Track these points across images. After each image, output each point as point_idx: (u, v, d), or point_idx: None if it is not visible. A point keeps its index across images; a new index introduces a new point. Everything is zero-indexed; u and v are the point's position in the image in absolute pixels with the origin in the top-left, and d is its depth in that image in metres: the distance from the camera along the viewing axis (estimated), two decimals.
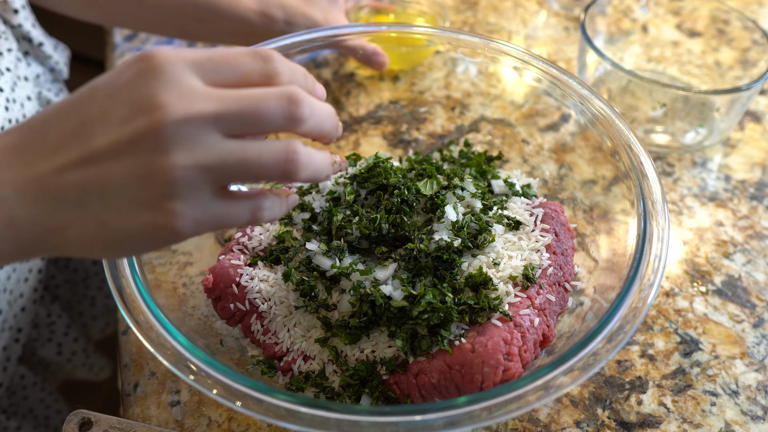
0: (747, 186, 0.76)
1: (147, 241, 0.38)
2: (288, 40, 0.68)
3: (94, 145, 0.36)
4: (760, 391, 0.59)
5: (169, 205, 0.36)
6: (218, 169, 0.37)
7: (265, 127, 0.38)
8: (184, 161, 0.36)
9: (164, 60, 0.37)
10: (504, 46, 0.68)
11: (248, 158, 0.37)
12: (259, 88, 0.39)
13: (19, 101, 0.69)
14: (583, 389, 0.59)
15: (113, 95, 0.37)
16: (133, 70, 0.37)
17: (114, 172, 0.36)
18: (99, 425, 0.52)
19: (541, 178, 0.70)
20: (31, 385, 0.85)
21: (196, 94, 0.37)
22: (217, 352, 0.54)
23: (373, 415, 0.44)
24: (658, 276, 0.50)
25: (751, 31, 0.81)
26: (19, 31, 0.74)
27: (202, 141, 0.36)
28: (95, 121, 0.37)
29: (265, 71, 0.40)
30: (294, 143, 0.39)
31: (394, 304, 0.52)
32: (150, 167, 0.36)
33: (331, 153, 0.45)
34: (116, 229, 0.37)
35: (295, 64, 0.42)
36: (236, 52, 0.40)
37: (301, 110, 0.39)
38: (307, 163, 0.39)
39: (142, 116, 0.36)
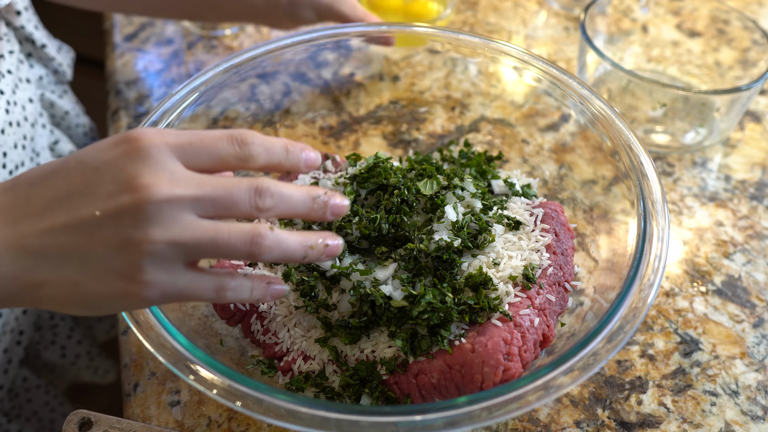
0: (747, 186, 0.76)
1: (116, 305, 0.42)
2: (288, 40, 0.68)
3: (78, 214, 0.40)
4: (760, 391, 0.59)
5: (140, 276, 0.39)
6: (192, 245, 0.40)
7: (235, 212, 0.42)
8: (161, 237, 0.39)
9: (149, 143, 0.40)
10: (504, 46, 0.68)
11: (220, 237, 0.41)
12: (232, 178, 0.43)
13: (20, 104, 0.69)
14: (583, 389, 0.59)
15: (99, 170, 0.40)
16: (120, 150, 0.40)
17: (94, 241, 0.39)
18: (99, 425, 0.52)
19: (541, 178, 0.70)
20: (35, 388, 0.85)
21: (177, 177, 0.40)
22: (217, 352, 0.54)
23: (373, 415, 0.44)
24: (658, 276, 0.50)
25: (751, 31, 0.81)
26: (21, 33, 0.74)
27: (179, 220, 0.40)
28: (81, 192, 0.40)
29: (240, 156, 0.43)
30: (260, 227, 0.42)
31: (394, 304, 0.52)
32: (129, 239, 0.39)
33: (331, 235, 0.46)
34: (89, 292, 0.40)
35: (273, 141, 0.45)
36: (215, 136, 0.43)
37: (263, 201, 0.43)
38: (272, 246, 0.42)
39: (127, 194, 0.39)
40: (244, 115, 0.72)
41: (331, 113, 0.79)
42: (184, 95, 0.62)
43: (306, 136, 0.76)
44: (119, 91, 0.87)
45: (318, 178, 0.66)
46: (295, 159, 0.46)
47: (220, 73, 0.65)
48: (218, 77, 0.65)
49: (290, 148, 0.46)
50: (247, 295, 0.45)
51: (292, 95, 0.77)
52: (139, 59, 0.91)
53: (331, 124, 0.78)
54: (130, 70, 0.90)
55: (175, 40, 0.94)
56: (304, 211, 0.45)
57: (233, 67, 0.65)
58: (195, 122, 0.65)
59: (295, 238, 0.44)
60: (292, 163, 0.46)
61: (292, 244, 0.44)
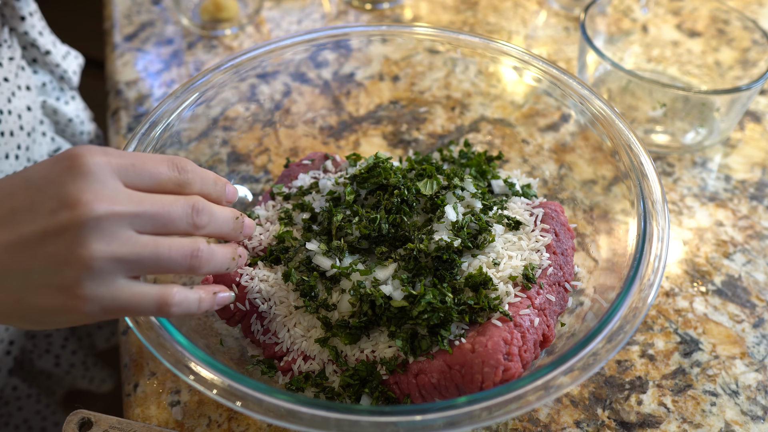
0: (747, 186, 0.76)
1: (59, 320, 0.43)
2: (288, 40, 0.68)
3: (21, 231, 0.41)
4: (760, 391, 0.59)
5: (80, 291, 0.40)
6: (132, 260, 0.41)
7: (172, 228, 0.44)
8: (101, 252, 0.40)
9: (92, 162, 0.41)
10: (504, 46, 0.68)
11: (160, 252, 0.43)
12: (170, 196, 0.45)
13: (15, 113, 0.69)
14: (583, 389, 0.59)
15: (43, 188, 0.41)
16: (62, 166, 0.41)
17: (36, 257, 0.40)
18: (99, 425, 0.52)
19: (541, 178, 0.70)
20: (26, 397, 0.85)
21: (117, 194, 0.42)
22: (217, 352, 0.54)
23: (373, 415, 0.44)
24: (658, 276, 0.50)
25: (751, 31, 0.81)
26: (25, 39, 0.73)
27: (119, 235, 0.41)
28: (24, 210, 0.41)
29: (179, 181, 0.46)
30: (198, 241, 0.45)
31: (394, 304, 0.52)
32: (69, 255, 0.40)
33: (239, 246, 0.51)
34: (32, 307, 0.42)
35: (206, 173, 0.48)
36: (157, 160, 0.45)
37: (200, 218, 0.45)
38: (208, 258, 0.45)
39: (67, 210, 0.40)
40: (244, 115, 0.72)
41: (331, 113, 0.79)
42: (184, 95, 0.62)
43: (306, 136, 0.76)
44: (119, 91, 0.87)
45: (318, 178, 0.66)
46: (220, 191, 0.49)
47: (220, 73, 0.65)
48: (218, 77, 0.65)
49: (217, 181, 0.49)
50: (195, 307, 0.46)
51: (292, 95, 0.77)
52: (139, 59, 0.91)
53: (331, 124, 0.78)
54: (130, 70, 0.90)
55: (175, 40, 0.94)
56: (228, 230, 0.48)
57: (233, 67, 0.65)
58: (195, 122, 0.65)
59: (223, 251, 0.47)
60: (218, 195, 0.49)
61: (221, 256, 0.47)
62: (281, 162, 0.73)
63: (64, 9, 1.45)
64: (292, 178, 0.67)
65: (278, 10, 0.99)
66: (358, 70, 0.84)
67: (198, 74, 0.64)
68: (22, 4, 0.70)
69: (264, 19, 0.98)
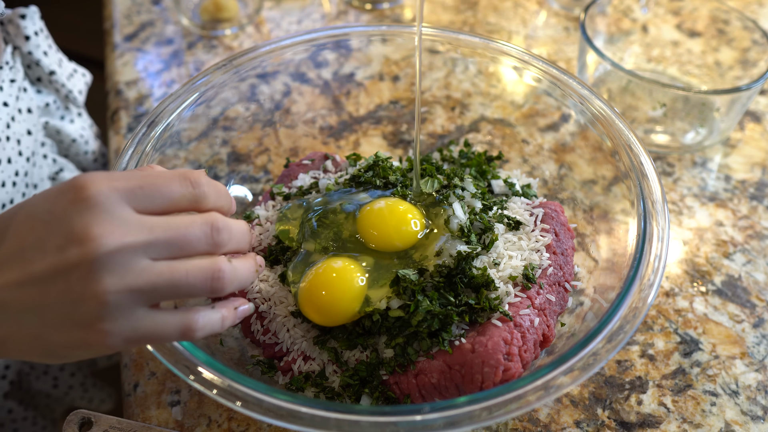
0: (747, 186, 0.76)
1: (82, 354, 0.42)
2: (288, 40, 0.68)
3: (31, 269, 0.39)
4: (760, 391, 0.59)
5: (100, 326, 0.39)
6: (148, 290, 0.40)
7: (191, 251, 0.42)
8: (116, 286, 0.39)
9: (97, 192, 0.39)
10: (504, 46, 0.68)
11: (177, 279, 0.41)
12: (184, 217, 0.43)
13: (14, 138, 0.66)
14: (583, 389, 0.59)
15: (49, 223, 0.40)
16: (68, 199, 0.40)
17: (50, 295, 0.39)
18: (99, 425, 0.52)
19: (541, 178, 0.70)
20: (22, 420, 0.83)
21: (127, 224, 0.40)
22: (217, 352, 0.54)
23: (373, 415, 0.44)
24: (658, 276, 0.50)
25: (751, 31, 0.81)
26: (29, 58, 0.71)
27: (133, 266, 0.39)
28: (33, 247, 0.40)
29: (193, 196, 0.44)
30: (219, 262, 0.43)
31: (392, 314, 0.52)
32: (83, 292, 0.38)
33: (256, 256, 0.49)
34: (52, 343, 0.41)
35: (218, 184, 0.46)
36: (167, 177, 0.43)
37: (222, 236, 0.43)
38: (232, 278, 0.43)
39: (76, 247, 0.38)
40: (244, 115, 0.72)
41: (331, 113, 0.79)
42: (184, 95, 0.62)
43: (306, 136, 0.76)
44: (119, 91, 0.87)
45: (318, 178, 0.66)
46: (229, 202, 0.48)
47: (220, 73, 0.65)
48: (218, 77, 0.65)
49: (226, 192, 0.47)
50: (218, 326, 0.45)
51: (292, 95, 0.77)
52: (139, 59, 0.91)
53: (331, 124, 0.78)
54: (130, 70, 0.90)
55: (175, 40, 0.94)
56: (246, 244, 0.47)
57: (233, 67, 0.65)
58: (195, 122, 0.65)
59: (246, 264, 0.46)
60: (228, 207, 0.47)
61: (245, 270, 0.45)
62: (281, 162, 0.73)
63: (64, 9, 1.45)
64: (292, 178, 0.67)
65: (278, 10, 0.99)
66: (358, 70, 0.84)
67: (198, 74, 0.64)
68: (27, 23, 0.68)
69: (264, 19, 0.98)
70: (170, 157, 0.64)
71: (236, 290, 0.45)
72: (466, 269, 0.53)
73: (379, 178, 0.61)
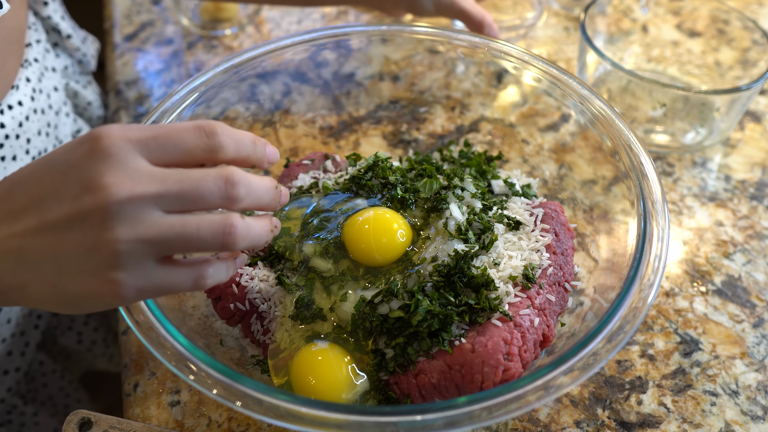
0: (747, 186, 0.76)
1: (96, 304, 0.42)
2: (288, 40, 0.68)
3: (48, 216, 0.40)
4: (760, 391, 0.59)
5: (113, 275, 0.40)
6: (159, 242, 0.40)
7: (204, 205, 0.42)
8: (127, 236, 0.39)
9: (111, 142, 0.40)
10: (504, 46, 0.68)
11: (187, 232, 0.41)
12: (199, 170, 0.42)
13: (45, 91, 0.70)
14: (583, 389, 0.59)
15: (66, 172, 0.40)
16: (84, 150, 0.40)
17: (66, 243, 0.40)
18: (99, 425, 0.52)
19: (541, 178, 0.70)
20: (51, 372, 0.86)
21: (140, 174, 0.40)
22: (217, 352, 0.54)
23: (373, 415, 0.44)
24: (658, 276, 0.50)
25: (751, 31, 0.81)
26: (48, 23, 0.75)
27: (144, 217, 0.40)
28: (51, 195, 0.41)
29: (209, 147, 0.43)
30: (231, 217, 0.42)
31: (392, 315, 0.52)
32: (96, 240, 0.39)
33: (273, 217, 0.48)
34: (68, 292, 0.41)
35: (242, 134, 0.45)
36: (181, 128, 0.43)
37: (237, 191, 0.42)
38: (244, 234, 0.43)
39: (89, 195, 0.39)
40: (244, 115, 0.72)
41: (331, 113, 0.79)
42: (184, 95, 0.62)
43: (306, 136, 0.76)
44: (119, 91, 0.87)
45: (318, 178, 0.66)
46: (261, 153, 0.46)
47: (220, 73, 0.65)
48: (218, 77, 0.65)
49: (257, 141, 0.46)
50: (224, 275, 0.45)
51: (292, 95, 0.77)
52: (139, 59, 0.91)
53: (331, 124, 0.78)
54: (130, 70, 0.90)
55: (175, 40, 0.94)
56: (268, 201, 0.45)
57: (233, 67, 0.65)
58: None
59: (260, 224, 0.45)
60: (259, 157, 0.46)
61: (258, 229, 0.44)
62: (281, 162, 0.73)
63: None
64: (292, 178, 0.67)
65: (278, 10, 0.99)
66: (358, 70, 0.84)
67: (198, 74, 0.64)
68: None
69: (264, 19, 0.98)
70: None
71: (248, 248, 0.45)
72: (464, 269, 0.53)
73: (379, 178, 0.61)
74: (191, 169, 0.42)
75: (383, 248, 0.55)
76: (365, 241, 0.55)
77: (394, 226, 0.56)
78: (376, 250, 0.55)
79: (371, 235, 0.55)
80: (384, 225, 0.56)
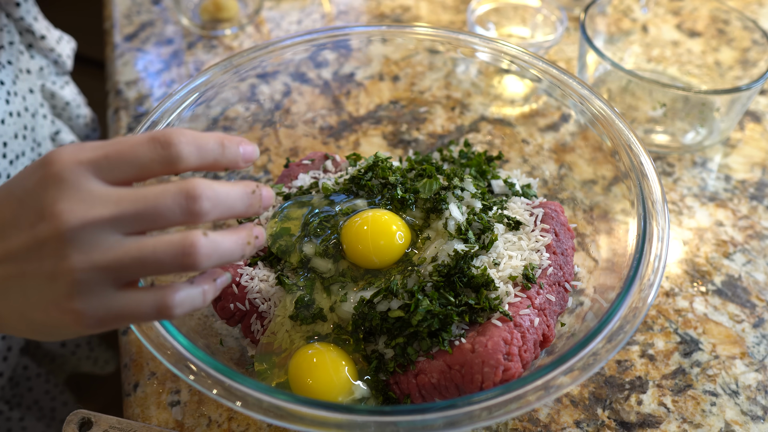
0: (747, 186, 0.76)
1: (65, 333, 0.41)
2: (288, 41, 0.68)
3: (10, 246, 0.39)
4: (760, 391, 0.59)
5: (72, 305, 0.38)
6: (115, 268, 0.38)
7: (164, 224, 0.39)
8: (82, 264, 0.38)
9: (62, 167, 0.39)
10: (504, 46, 0.68)
11: (143, 256, 0.38)
12: (157, 186, 0.40)
13: (20, 94, 0.70)
14: (583, 389, 0.59)
15: (23, 200, 0.40)
16: (38, 176, 0.39)
17: (27, 273, 0.39)
18: (99, 425, 0.52)
19: (541, 178, 0.70)
20: (35, 377, 0.85)
21: (93, 198, 0.38)
22: (217, 352, 0.54)
23: (373, 415, 0.44)
24: (658, 276, 0.50)
25: (751, 31, 0.81)
26: (21, 24, 0.74)
27: (100, 242, 0.38)
28: (10, 224, 0.40)
29: (165, 159, 0.40)
30: (191, 236, 0.39)
31: (392, 314, 0.52)
32: (54, 270, 0.38)
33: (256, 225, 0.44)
34: (35, 322, 0.40)
35: (205, 138, 0.42)
36: (134, 142, 0.40)
37: (200, 205, 0.39)
38: (208, 253, 0.39)
39: (44, 224, 0.38)
40: (244, 115, 0.72)
41: (331, 113, 0.79)
42: (184, 95, 0.62)
43: (306, 136, 0.76)
44: (119, 91, 0.87)
45: (318, 178, 0.66)
46: (233, 155, 0.43)
47: (220, 73, 0.65)
48: (218, 77, 0.65)
49: (226, 142, 0.42)
50: (199, 302, 0.42)
51: (292, 95, 0.77)
52: (139, 59, 0.91)
53: (331, 124, 0.78)
54: (130, 70, 0.90)
55: (175, 40, 0.94)
56: (242, 209, 0.42)
57: (233, 67, 0.65)
58: (195, 122, 0.65)
59: (231, 238, 0.41)
60: (230, 160, 0.43)
61: (229, 245, 0.41)
62: (281, 162, 0.73)
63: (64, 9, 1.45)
64: (292, 178, 0.67)
65: (278, 10, 0.99)
66: (358, 70, 0.84)
67: (198, 74, 0.64)
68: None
69: (264, 19, 0.98)
70: None
71: (218, 266, 0.42)
72: (464, 269, 0.53)
73: (378, 178, 0.61)
74: (149, 186, 0.40)
75: (381, 251, 0.55)
76: (363, 245, 0.55)
77: (392, 228, 0.56)
78: (374, 254, 0.55)
79: (369, 238, 0.55)
80: (381, 228, 0.56)
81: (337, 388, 0.50)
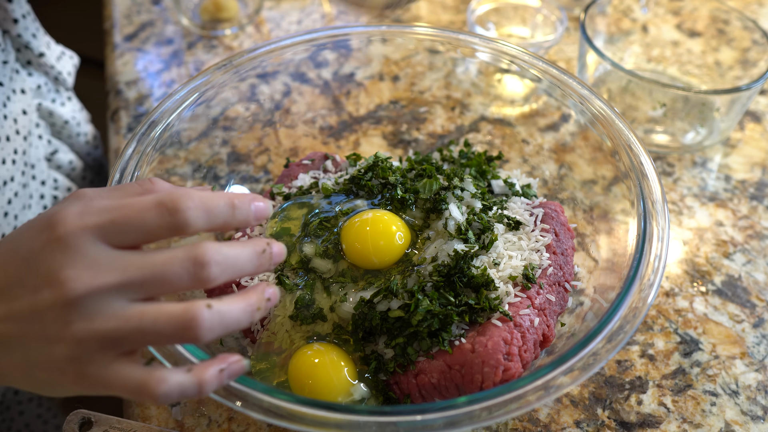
0: (747, 186, 0.76)
1: (66, 391, 0.40)
2: (288, 40, 0.68)
3: (14, 306, 0.39)
4: (760, 391, 0.59)
5: (71, 368, 0.38)
6: (116, 337, 0.38)
7: (172, 290, 0.39)
8: (83, 332, 0.38)
9: (67, 231, 0.38)
10: (504, 46, 0.68)
11: (144, 326, 0.38)
12: (165, 252, 0.39)
13: (11, 117, 0.67)
14: (583, 389, 0.59)
15: (28, 261, 0.39)
16: (43, 239, 0.39)
17: (29, 334, 0.39)
18: (99, 425, 0.52)
19: (541, 178, 0.70)
20: (27, 401, 0.84)
21: (99, 264, 0.38)
22: (217, 352, 0.54)
23: (373, 415, 0.44)
24: (658, 276, 0.50)
25: (751, 31, 0.81)
26: (19, 41, 0.72)
27: (104, 309, 0.38)
28: (15, 284, 0.39)
29: (173, 225, 0.39)
30: (194, 308, 0.38)
31: (392, 314, 0.52)
32: (57, 335, 0.38)
33: (269, 285, 0.43)
34: (37, 379, 0.40)
35: (215, 200, 0.41)
36: (141, 207, 0.39)
37: (208, 271, 0.39)
38: (211, 327, 0.39)
39: (48, 289, 0.38)
40: (244, 115, 0.72)
41: (331, 113, 0.79)
42: (184, 95, 0.62)
43: (306, 136, 0.76)
44: (119, 91, 0.87)
45: (318, 178, 0.66)
46: (243, 216, 0.42)
47: (220, 73, 0.65)
48: (218, 77, 0.65)
49: (237, 203, 0.42)
50: (193, 393, 0.40)
51: (292, 95, 0.77)
52: (139, 59, 0.91)
53: (331, 124, 0.78)
54: (130, 70, 0.90)
55: (175, 40, 0.94)
56: (252, 270, 0.42)
57: (233, 67, 0.65)
58: (195, 122, 0.65)
59: (238, 306, 0.40)
60: (240, 221, 0.42)
61: (236, 314, 0.40)
62: (281, 162, 0.73)
63: (64, 9, 1.45)
64: (292, 178, 0.67)
65: (278, 10, 0.99)
66: (358, 70, 0.84)
67: (198, 74, 0.64)
68: (15, 6, 0.69)
69: (264, 19, 0.98)
70: (170, 157, 0.64)
71: (224, 336, 0.41)
72: (464, 269, 0.53)
73: (378, 178, 0.61)
74: (157, 251, 0.39)
75: (381, 252, 0.55)
76: (363, 245, 0.55)
77: (392, 228, 0.56)
78: (373, 254, 0.55)
79: (368, 239, 0.55)
80: (381, 228, 0.56)
81: (337, 388, 0.50)
